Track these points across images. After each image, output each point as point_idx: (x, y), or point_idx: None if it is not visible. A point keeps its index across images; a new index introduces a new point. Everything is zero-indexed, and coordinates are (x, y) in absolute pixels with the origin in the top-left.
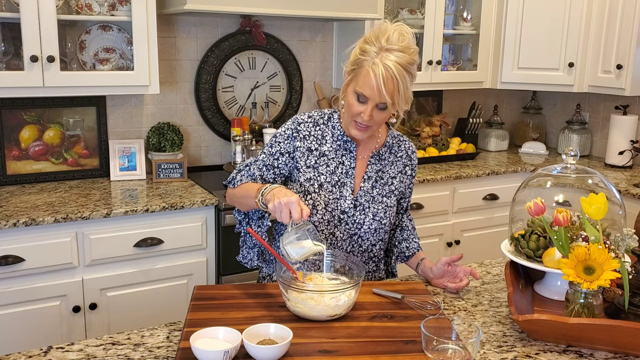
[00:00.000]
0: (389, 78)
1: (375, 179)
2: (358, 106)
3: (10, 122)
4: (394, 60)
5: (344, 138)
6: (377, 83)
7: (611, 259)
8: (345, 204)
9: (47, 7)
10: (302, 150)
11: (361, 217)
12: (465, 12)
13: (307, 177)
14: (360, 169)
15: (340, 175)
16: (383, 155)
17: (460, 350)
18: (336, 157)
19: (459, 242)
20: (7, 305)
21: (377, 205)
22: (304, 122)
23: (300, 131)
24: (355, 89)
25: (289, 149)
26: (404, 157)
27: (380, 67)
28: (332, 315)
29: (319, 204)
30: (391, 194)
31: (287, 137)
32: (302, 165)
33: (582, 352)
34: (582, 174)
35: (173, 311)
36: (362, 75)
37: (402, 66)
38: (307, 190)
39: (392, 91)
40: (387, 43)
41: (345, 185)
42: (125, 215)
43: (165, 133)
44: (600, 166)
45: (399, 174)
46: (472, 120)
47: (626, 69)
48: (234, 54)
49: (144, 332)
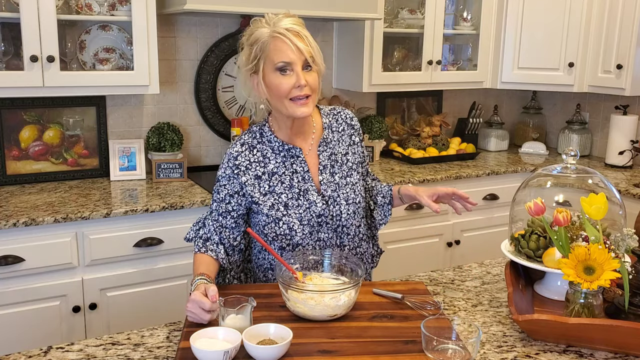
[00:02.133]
0: (295, 34)
1: (331, 164)
2: (287, 79)
3: (10, 122)
4: (289, 22)
5: (285, 147)
6: (291, 41)
7: (611, 259)
8: (317, 208)
9: (47, 7)
10: (251, 182)
11: (336, 209)
12: (465, 12)
13: (268, 205)
14: (314, 164)
15: (298, 184)
16: (327, 138)
17: (460, 350)
18: (286, 170)
19: (459, 242)
20: (7, 305)
21: (344, 189)
22: (239, 153)
23: (239, 165)
24: (273, 64)
25: (236, 189)
26: (346, 129)
27: (282, 30)
28: (332, 315)
29: (294, 224)
30: (351, 171)
31: (229, 178)
32: (259, 197)
33: (582, 352)
34: (582, 174)
35: (173, 311)
36: (271, 51)
37: (297, 24)
38: (277, 217)
39: (305, 43)
40: (270, 20)
41: (308, 190)
42: (125, 215)
43: (165, 133)
44: (600, 166)
45: (349, 147)
46: (472, 120)
47: (626, 69)
48: (234, 53)
49: (144, 332)
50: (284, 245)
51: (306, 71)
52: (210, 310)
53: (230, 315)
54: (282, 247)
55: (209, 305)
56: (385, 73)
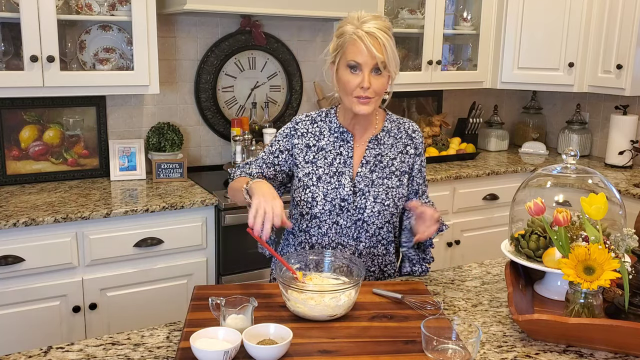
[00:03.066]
0: (374, 38)
1: (374, 162)
2: (354, 78)
3: (10, 122)
4: (373, 25)
5: (340, 129)
6: (365, 44)
7: (611, 259)
8: (344, 192)
9: (47, 7)
10: (300, 147)
11: (362, 202)
12: (465, 12)
13: (305, 172)
14: (359, 156)
15: (338, 165)
16: (382, 140)
17: (460, 350)
18: (334, 149)
19: (459, 242)
20: (7, 305)
21: (377, 188)
22: (301, 121)
23: (298, 129)
24: (346, 61)
25: (287, 147)
26: (403, 138)
27: (362, 32)
28: (332, 315)
29: (318, 196)
30: (392, 175)
31: (286, 136)
32: (301, 161)
33: (582, 352)
34: (582, 174)
35: (173, 311)
36: (348, 48)
37: (381, 29)
38: (306, 184)
39: (379, 49)
40: (360, 19)
41: (343, 174)
42: (125, 215)
43: (165, 133)
44: (600, 166)
45: (399, 154)
46: (472, 120)
47: (626, 69)
48: (234, 54)
49: (144, 332)
50: (303, 213)
51: (375, 75)
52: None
53: (231, 316)
54: (302, 215)
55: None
56: None
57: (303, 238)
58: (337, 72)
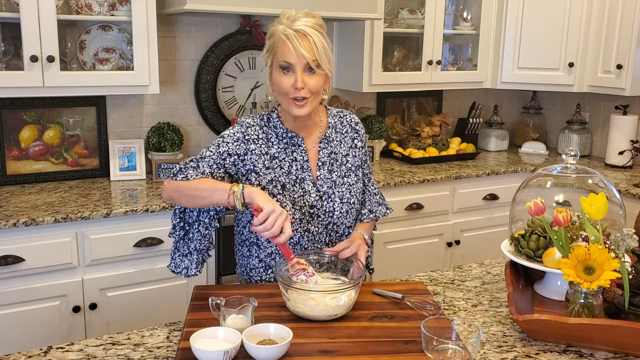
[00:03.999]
0: (302, 36)
1: (330, 162)
2: (287, 79)
3: (10, 122)
4: (302, 23)
5: (288, 134)
6: (293, 44)
7: (611, 259)
8: (311, 198)
9: (47, 7)
10: (258, 153)
11: (329, 205)
12: (465, 12)
13: (268, 179)
14: (314, 158)
15: (296, 172)
16: (330, 137)
17: (460, 350)
18: (287, 156)
19: (459, 242)
20: (7, 305)
21: (340, 188)
22: (250, 125)
23: (249, 135)
24: (278, 62)
25: (238, 151)
26: (349, 132)
27: (290, 32)
28: (332, 315)
29: (286, 205)
30: (349, 172)
31: (237, 140)
32: (261, 168)
33: (582, 352)
34: (582, 174)
35: (173, 311)
36: (278, 48)
37: (311, 26)
38: (272, 193)
39: (310, 49)
40: (289, 17)
41: (304, 180)
42: (125, 215)
43: (165, 133)
44: (600, 166)
45: (350, 149)
46: (472, 120)
47: (626, 69)
48: (234, 54)
49: (144, 332)
50: None
51: (308, 74)
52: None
53: (231, 316)
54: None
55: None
56: (385, 73)
57: (273, 249)
58: (271, 74)
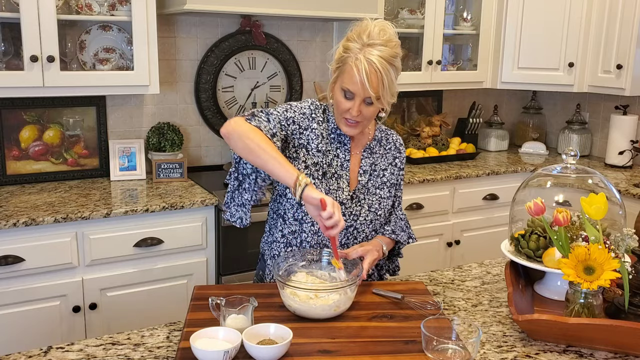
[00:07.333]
0: (373, 72)
1: (370, 172)
2: (345, 103)
3: (10, 122)
4: (377, 55)
5: (337, 131)
6: (361, 78)
7: (611, 259)
8: (342, 196)
9: (47, 7)
10: (317, 133)
11: (357, 209)
12: (465, 12)
13: (314, 161)
14: (355, 163)
15: (336, 167)
16: (374, 149)
17: (460, 350)
18: (332, 150)
19: (459, 242)
20: (7, 305)
21: (372, 197)
22: (318, 107)
23: (316, 115)
24: (342, 85)
25: (301, 124)
26: (392, 150)
27: (363, 62)
28: (332, 314)
29: (322, 191)
30: (384, 185)
31: (303, 114)
32: (313, 148)
33: (582, 352)
34: (582, 174)
35: (173, 311)
36: (346, 72)
37: (385, 59)
38: (312, 175)
39: (376, 85)
40: (368, 39)
41: (341, 177)
42: (125, 215)
43: (165, 133)
44: (600, 166)
45: (389, 166)
46: (472, 120)
47: (626, 69)
48: (234, 54)
49: (144, 332)
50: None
51: (366, 104)
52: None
53: (231, 316)
54: (299, 204)
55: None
56: None
57: (296, 227)
58: (334, 87)
